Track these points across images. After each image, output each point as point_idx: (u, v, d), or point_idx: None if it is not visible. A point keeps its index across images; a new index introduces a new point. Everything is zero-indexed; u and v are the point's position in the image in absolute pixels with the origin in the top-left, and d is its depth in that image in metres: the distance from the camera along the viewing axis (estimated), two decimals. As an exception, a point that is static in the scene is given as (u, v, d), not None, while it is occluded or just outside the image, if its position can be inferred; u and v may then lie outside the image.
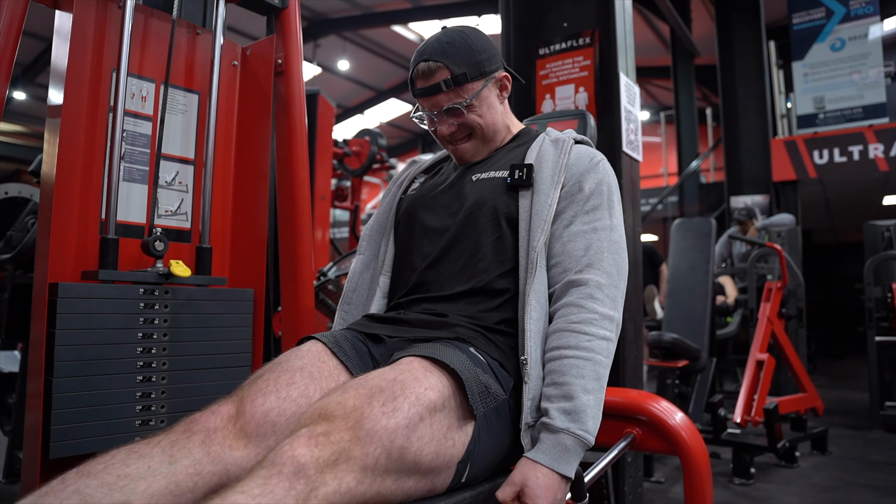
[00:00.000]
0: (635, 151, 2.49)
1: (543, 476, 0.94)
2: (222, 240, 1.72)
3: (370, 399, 0.85)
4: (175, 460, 0.86)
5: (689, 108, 8.37)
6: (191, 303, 1.52)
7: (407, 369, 0.93)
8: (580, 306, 1.04)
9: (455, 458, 0.94)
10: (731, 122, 6.70)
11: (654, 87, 12.44)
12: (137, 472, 0.82)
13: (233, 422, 0.93)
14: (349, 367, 1.06)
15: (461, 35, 1.21)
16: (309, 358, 1.04)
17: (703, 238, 3.66)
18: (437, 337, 1.07)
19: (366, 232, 1.40)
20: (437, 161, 1.44)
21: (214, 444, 0.89)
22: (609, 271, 1.08)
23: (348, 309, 1.33)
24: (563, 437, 0.96)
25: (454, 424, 0.94)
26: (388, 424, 0.84)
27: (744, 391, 3.19)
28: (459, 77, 1.18)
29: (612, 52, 2.46)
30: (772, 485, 3.11)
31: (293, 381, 0.98)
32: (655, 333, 3.44)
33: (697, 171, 8.29)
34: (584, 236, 1.11)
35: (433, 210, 1.26)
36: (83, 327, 1.34)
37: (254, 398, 0.95)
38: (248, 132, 1.77)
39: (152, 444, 0.88)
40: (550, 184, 1.14)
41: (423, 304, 1.18)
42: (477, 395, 0.97)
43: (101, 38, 1.50)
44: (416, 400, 0.88)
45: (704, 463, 1.75)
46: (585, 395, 0.98)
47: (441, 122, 1.24)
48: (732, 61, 6.81)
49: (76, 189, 1.44)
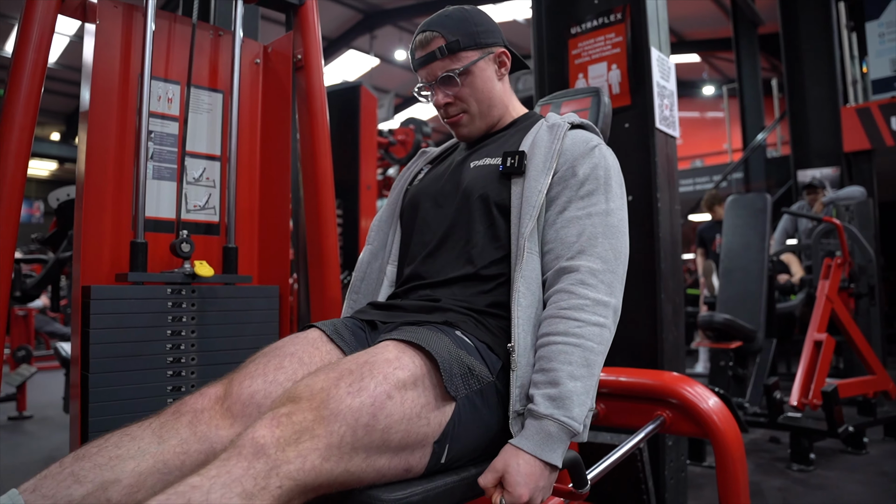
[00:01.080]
0: (670, 127, 2.41)
1: (525, 463, 0.93)
2: (249, 233, 1.80)
3: (338, 381, 0.87)
4: (163, 440, 0.90)
5: (753, 79, 7.96)
6: (217, 300, 1.61)
7: (380, 352, 0.95)
8: (571, 292, 1.03)
9: (430, 437, 0.94)
10: (796, 92, 6.33)
11: (718, 60, 11.91)
12: (127, 453, 0.88)
13: (220, 402, 0.96)
14: (346, 351, 1.08)
15: (460, 10, 1.24)
16: (302, 344, 1.07)
17: (757, 215, 3.50)
18: (426, 321, 1.09)
19: (375, 222, 1.43)
20: (445, 150, 1.44)
21: (201, 423, 0.93)
22: (604, 256, 1.06)
23: (356, 298, 1.36)
24: (547, 423, 0.95)
25: (429, 404, 0.94)
26: (353, 403, 0.85)
27: (801, 373, 3.05)
28: (453, 44, 1.20)
29: (644, 27, 2.38)
30: (834, 472, 2.96)
31: (282, 365, 1.01)
32: (707, 314, 3.33)
33: (763, 145, 7.89)
34: (578, 222, 1.09)
35: (434, 199, 1.27)
36: (115, 326, 1.44)
37: (241, 380, 0.99)
38: (272, 127, 1.84)
39: (143, 426, 0.93)
40: (541, 170, 1.13)
41: (420, 290, 1.20)
42: (458, 377, 0.98)
43: (128, 45, 1.59)
44: (384, 379, 0.90)
45: (738, 448, 1.69)
46: (572, 381, 0.97)
47: (437, 91, 1.25)
48: (797, 26, 6.42)
49: (108, 191, 1.54)
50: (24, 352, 4.84)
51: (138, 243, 1.50)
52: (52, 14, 1.39)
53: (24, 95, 1.35)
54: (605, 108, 1.53)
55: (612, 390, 1.87)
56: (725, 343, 3.24)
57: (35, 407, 4.44)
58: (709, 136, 12.72)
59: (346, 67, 12.99)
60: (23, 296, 2.91)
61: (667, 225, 2.34)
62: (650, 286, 2.29)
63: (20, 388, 4.18)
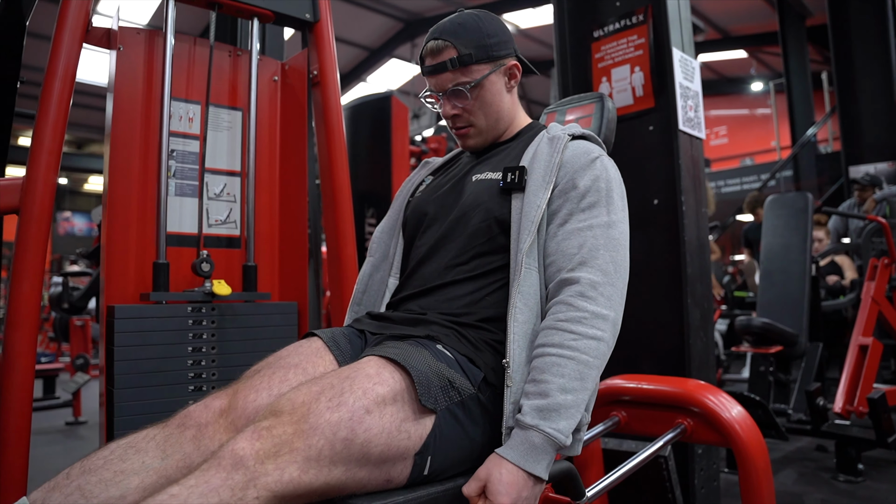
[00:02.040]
0: (695, 129, 2.36)
1: (508, 472, 0.92)
2: (270, 247, 1.86)
3: (319, 395, 0.89)
4: (167, 455, 0.93)
5: (801, 74, 7.67)
6: (237, 318, 1.67)
7: (361, 367, 0.96)
8: (569, 304, 1.02)
9: (411, 449, 0.95)
10: (846, 85, 6.07)
11: (766, 55, 11.54)
12: (132, 468, 0.90)
13: (224, 416, 0.98)
14: (340, 361, 1.10)
15: (474, 18, 1.22)
16: (306, 354, 1.09)
17: (798, 215, 3.38)
18: (410, 335, 1.10)
19: (376, 234, 1.42)
20: (447, 161, 1.44)
21: (205, 438, 0.95)
22: (605, 269, 1.05)
23: (358, 309, 1.36)
24: (532, 434, 0.95)
25: (409, 418, 0.95)
26: (332, 418, 0.87)
27: (845, 378, 2.92)
28: (465, 57, 1.18)
29: (665, 28, 2.35)
30: (885, 484, 2.82)
31: (286, 378, 1.03)
32: (744, 318, 3.23)
33: (813, 141, 7.59)
34: (579, 234, 1.08)
35: (434, 211, 1.27)
36: (138, 344, 1.51)
37: (246, 394, 1.00)
38: (290, 142, 1.89)
39: (148, 437, 0.95)
40: (541, 185, 1.12)
41: (407, 302, 1.21)
42: (437, 389, 0.98)
43: (150, 68, 1.67)
44: (363, 394, 0.91)
45: (762, 459, 1.65)
46: (562, 394, 0.96)
47: (446, 102, 1.24)
48: (847, 16, 6.16)
49: (133, 210, 1.62)
50: (83, 360, 5.08)
51: (160, 264, 1.57)
52: (78, 45, 1.47)
53: (52, 122, 1.43)
54: (608, 114, 1.51)
55: (634, 398, 1.84)
56: (765, 348, 3.14)
57: (89, 412, 4.65)
58: (757, 134, 12.32)
59: (389, 76, 13.15)
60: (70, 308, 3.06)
61: (693, 228, 2.29)
62: (676, 291, 2.25)
63: (75, 395, 4.40)
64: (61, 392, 4.84)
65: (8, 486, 1.33)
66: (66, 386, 4.47)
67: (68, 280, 3.13)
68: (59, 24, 1.45)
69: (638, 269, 2.41)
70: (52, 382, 4.95)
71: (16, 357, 1.37)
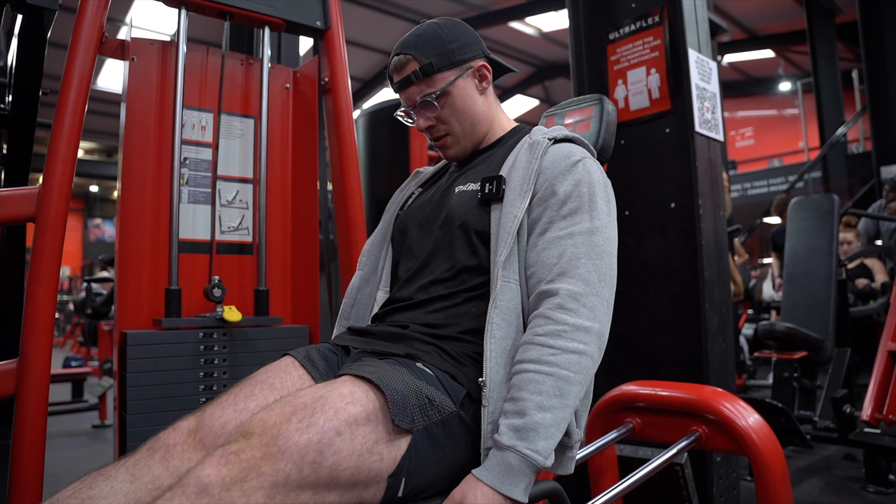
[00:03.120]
0: (713, 131, 2.32)
1: (483, 495, 0.89)
2: (282, 254, 1.87)
3: (291, 416, 0.85)
4: (136, 478, 0.90)
5: (830, 72, 7.51)
6: (248, 343, 1.68)
7: (336, 386, 0.93)
8: (548, 318, 0.97)
9: (384, 472, 0.91)
10: (878, 83, 5.92)
11: (795, 55, 11.32)
12: (100, 494, 0.87)
13: (192, 435, 0.96)
14: (316, 378, 1.08)
15: (433, 26, 1.20)
16: (274, 371, 1.07)
17: (823, 217, 3.30)
18: (389, 352, 1.07)
19: (366, 247, 1.40)
20: (436, 172, 1.41)
21: (174, 458, 0.93)
22: (587, 278, 1.00)
23: (345, 324, 1.33)
24: (509, 455, 0.90)
25: (381, 439, 0.91)
26: (300, 440, 0.83)
27: (873, 385, 2.84)
28: (427, 67, 1.16)
29: (681, 29, 2.31)
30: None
31: (252, 393, 1.02)
32: (767, 323, 3.17)
33: (843, 141, 7.41)
34: (559, 243, 1.03)
35: (420, 225, 1.25)
36: (150, 370, 1.53)
37: (213, 411, 0.99)
38: (303, 150, 1.91)
39: (118, 465, 0.93)
40: (518, 194, 1.08)
41: (393, 314, 1.18)
42: (415, 408, 0.94)
43: (164, 78, 1.70)
44: (334, 415, 0.87)
45: (779, 468, 1.61)
46: (540, 412, 0.91)
47: (418, 115, 1.22)
48: (879, 12, 6.02)
49: (147, 217, 1.65)
50: (110, 364, 5.18)
51: (172, 290, 1.60)
52: (92, 56, 1.50)
53: (67, 131, 1.46)
54: (608, 116, 1.47)
55: (649, 404, 1.82)
56: (789, 353, 3.07)
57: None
58: (786, 135, 12.08)
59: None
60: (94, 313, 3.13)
61: (710, 231, 2.25)
62: (693, 295, 2.21)
63: (101, 398, 4.49)
64: (88, 395, 4.95)
65: (25, 490, 1.36)
66: (93, 390, 4.57)
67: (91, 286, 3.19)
68: (74, 36, 1.48)
69: (654, 273, 2.38)
70: (80, 386, 5.06)
71: (32, 363, 1.40)
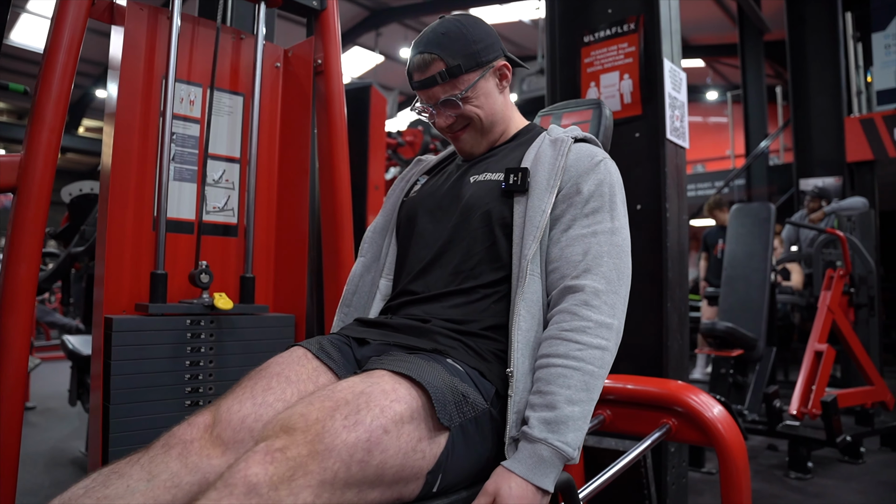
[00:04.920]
0: (680, 138, 2.44)
1: (517, 486, 0.91)
2: (266, 236, 1.82)
3: (334, 412, 0.84)
4: (153, 476, 0.86)
5: (757, 86, 7.99)
6: (235, 331, 1.63)
7: (376, 381, 0.92)
8: (574, 314, 1.01)
9: (424, 469, 0.92)
10: (801, 101, 6.35)
11: (723, 66, 11.94)
12: (116, 493, 0.83)
13: (209, 431, 0.93)
14: (332, 368, 1.07)
15: (457, 25, 1.18)
16: (287, 363, 1.05)
17: (761, 224, 3.54)
18: (415, 346, 1.06)
19: (368, 233, 1.39)
20: (441, 160, 1.41)
21: (192, 454, 0.90)
22: (608, 276, 1.04)
23: (348, 311, 1.32)
24: (540, 447, 0.93)
25: (424, 436, 0.91)
26: (348, 439, 0.82)
27: (801, 382, 3.08)
28: (454, 69, 1.16)
29: (657, 38, 2.41)
30: (831, 480, 3.00)
31: (269, 386, 0.99)
32: (709, 321, 3.37)
33: (766, 152, 7.92)
34: (583, 240, 1.06)
35: (432, 213, 1.24)
36: (135, 357, 1.45)
37: (230, 406, 0.96)
38: (292, 131, 1.86)
39: (132, 461, 0.89)
40: (545, 188, 1.10)
41: (409, 307, 1.17)
42: (452, 406, 0.95)
43: (152, 48, 1.61)
44: (381, 413, 0.87)
45: (741, 457, 1.73)
46: (569, 406, 0.95)
47: (439, 114, 1.22)
48: (804, 35, 6.44)
49: (131, 193, 1.57)
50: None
51: (159, 274, 1.52)
52: (83, 18, 1.41)
53: (55, 97, 1.37)
54: (606, 121, 1.52)
55: (619, 397, 1.90)
56: (727, 351, 3.28)
57: (38, 398, 4.46)
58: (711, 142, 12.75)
59: (351, 64, 13.01)
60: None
61: (675, 234, 2.37)
62: (657, 295, 2.32)
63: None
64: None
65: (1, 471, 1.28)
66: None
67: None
68: (63, -4, 1.39)
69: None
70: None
71: (9, 343, 1.31)
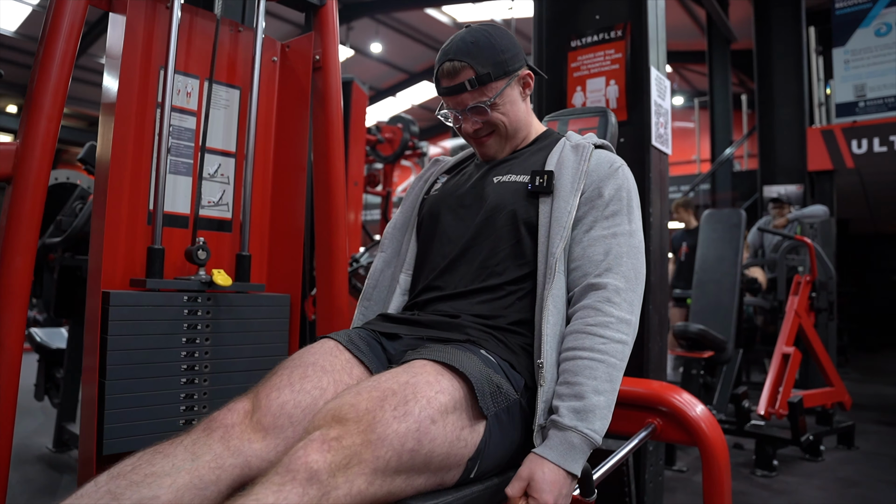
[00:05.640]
0: (664, 145, 2.50)
1: (550, 471, 0.97)
2: (261, 232, 1.80)
3: (382, 402, 0.88)
4: (197, 456, 0.90)
5: (723, 94, 8.20)
6: (231, 308, 1.61)
7: (419, 372, 0.96)
8: (597, 309, 1.07)
9: (465, 456, 0.97)
10: (766, 110, 6.57)
11: (689, 73, 12.22)
12: (162, 470, 0.88)
13: (249, 416, 0.97)
14: (364, 361, 1.10)
15: (485, 34, 1.23)
16: (321, 353, 1.08)
17: (732, 229, 3.65)
18: (448, 338, 1.11)
19: (388, 230, 1.44)
20: (460, 161, 1.46)
21: (233, 438, 0.94)
22: (627, 276, 1.11)
23: (368, 305, 1.37)
24: (571, 434, 0.99)
25: (466, 426, 0.97)
26: (399, 429, 0.87)
27: (769, 384, 3.20)
28: (484, 77, 1.21)
29: (644, 46, 2.46)
30: (795, 477, 3.12)
31: (306, 374, 1.03)
32: (681, 324, 3.46)
33: (731, 158, 8.15)
34: (604, 241, 1.13)
35: (455, 211, 1.29)
36: (133, 333, 1.43)
37: (268, 393, 0.99)
38: (287, 126, 1.84)
39: (175, 443, 0.93)
40: (570, 190, 1.17)
41: (436, 303, 1.22)
42: (488, 396, 1.00)
43: (150, 37, 1.58)
44: (428, 403, 0.91)
45: (723, 455, 1.79)
46: (596, 395, 1.01)
47: (465, 120, 1.27)
48: (770, 47, 6.66)
49: (126, 186, 1.53)
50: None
51: (155, 249, 1.49)
52: (83, 3, 1.37)
53: (53, 84, 1.33)
54: (612, 129, 1.58)
55: (604, 397, 1.93)
56: (698, 353, 3.37)
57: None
58: (676, 146, 13.01)
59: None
60: None
61: (657, 239, 2.43)
62: (639, 297, 2.37)
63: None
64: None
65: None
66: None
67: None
68: (63, -19, 1.35)
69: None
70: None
71: (4, 336, 1.27)
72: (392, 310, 1.30)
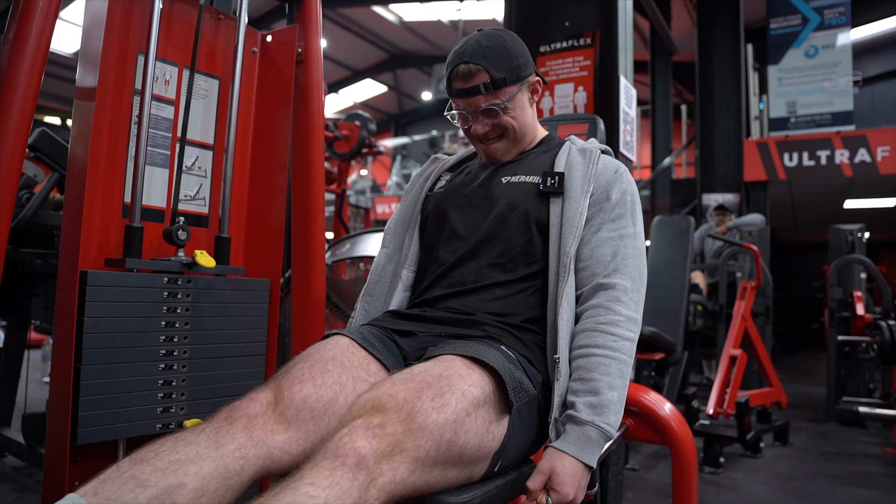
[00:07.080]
0: (630, 152, 2.58)
1: (570, 464, 1.00)
2: (238, 226, 1.74)
3: (419, 393, 0.90)
4: (221, 445, 0.90)
5: (664, 103, 8.53)
6: (211, 292, 1.55)
7: (450, 366, 0.99)
8: (608, 308, 1.11)
9: (493, 450, 1.00)
10: (706, 121, 6.88)
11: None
12: (187, 457, 0.87)
13: (272, 408, 0.97)
14: (379, 358, 1.11)
15: (500, 39, 1.25)
16: (338, 349, 1.09)
17: (681, 235, 3.78)
18: (467, 335, 1.13)
19: (389, 226, 1.45)
20: (461, 160, 1.48)
21: (256, 428, 0.94)
22: (633, 276, 1.16)
23: (370, 300, 1.38)
24: (588, 429, 1.02)
25: (494, 419, 1.00)
26: (439, 419, 0.89)
27: (717, 385, 3.34)
28: (499, 81, 1.23)
29: (613, 55, 2.53)
30: (739, 473, 3.28)
31: (326, 369, 1.03)
32: (635, 326, 3.56)
33: (670, 166, 8.48)
34: (612, 242, 1.18)
35: (463, 209, 1.30)
36: (110, 315, 1.35)
37: (291, 385, 1.00)
38: (267, 119, 1.79)
39: (196, 431, 0.93)
40: (580, 192, 1.20)
41: (447, 300, 1.23)
42: (512, 391, 1.03)
43: (128, 22, 1.50)
44: (462, 396, 0.94)
45: (692, 452, 1.85)
46: (610, 391, 1.05)
47: (476, 122, 1.29)
48: (711, 62, 6.98)
49: (101, 173, 1.45)
50: None
51: (134, 227, 1.41)
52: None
53: (28, 64, 1.24)
54: (601, 136, 1.63)
55: (576, 398, 1.97)
56: (650, 354, 3.48)
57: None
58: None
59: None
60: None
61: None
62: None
63: None
64: None
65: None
66: None
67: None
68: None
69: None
70: None
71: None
72: (394, 306, 1.31)
